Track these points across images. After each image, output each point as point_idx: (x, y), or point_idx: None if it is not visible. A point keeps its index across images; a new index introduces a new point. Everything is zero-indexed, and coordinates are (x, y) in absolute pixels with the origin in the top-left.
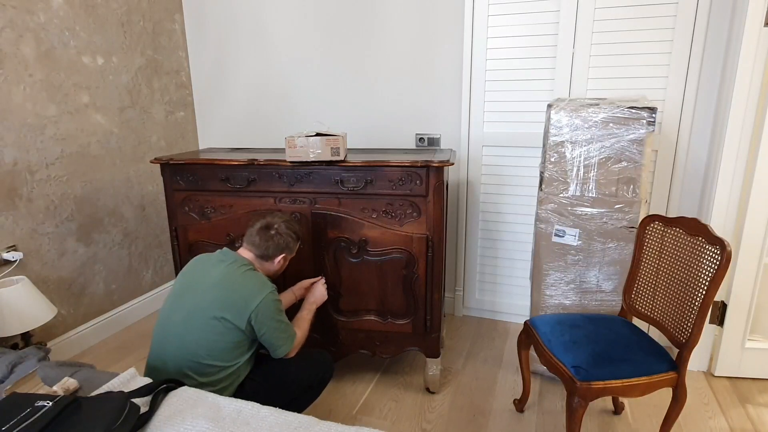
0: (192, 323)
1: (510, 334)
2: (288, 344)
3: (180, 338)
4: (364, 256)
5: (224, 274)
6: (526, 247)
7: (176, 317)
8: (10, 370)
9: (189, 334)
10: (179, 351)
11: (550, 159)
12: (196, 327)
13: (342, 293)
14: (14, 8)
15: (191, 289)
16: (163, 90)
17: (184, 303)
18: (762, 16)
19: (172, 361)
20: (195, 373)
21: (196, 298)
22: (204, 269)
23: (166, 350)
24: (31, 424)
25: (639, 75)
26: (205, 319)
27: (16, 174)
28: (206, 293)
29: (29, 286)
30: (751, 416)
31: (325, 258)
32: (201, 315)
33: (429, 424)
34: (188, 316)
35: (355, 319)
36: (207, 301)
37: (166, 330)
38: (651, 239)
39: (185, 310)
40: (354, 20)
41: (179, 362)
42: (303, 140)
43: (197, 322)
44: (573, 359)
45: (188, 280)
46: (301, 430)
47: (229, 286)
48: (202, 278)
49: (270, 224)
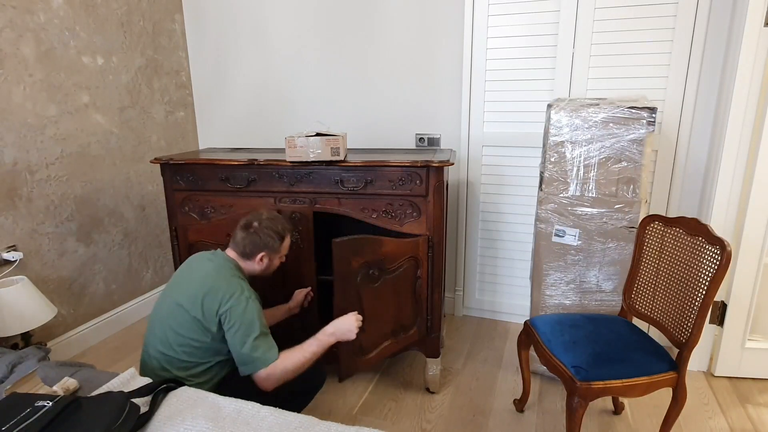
0: (171, 316)
1: (510, 334)
2: (257, 363)
3: (161, 330)
4: (384, 276)
5: (207, 272)
6: (526, 247)
7: (161, 311)
8: (10, 370)
9: (168, 327)
10: (160, 343)
11: (550, 159)
12: (174, 320)
13: (365, 327)
14: (14, 8)
15: (176, 284)
16: (163, 90)
17: (168, 296)
18: (762, 16)
19: (154, 352)
20: (170, 366)
21: (178, 292)
22: (192, 266)
23: (150, 342)
24: (31, 424)
25: (639, 75)
26: (180, 313)
27: (16, 174)
28: (187, 288)
29: (29, 286)
30: (751, 416)
31: (351, 291)
32: (178, 309)
33: (429, 424)
34: (168, 310)
35: (375, 352)
36: (185, 296)
37: (151, 323)
38: (651, 239)
39: (167, 304)
40: (354, 20)
41: (158, 354)
42: (303, 140)
43: (175, 315)
44: (573, 359)
45: (177, 275)
46: (301, 430)
47: (208, 283)
48: (188, 274)
49: (250, 222)
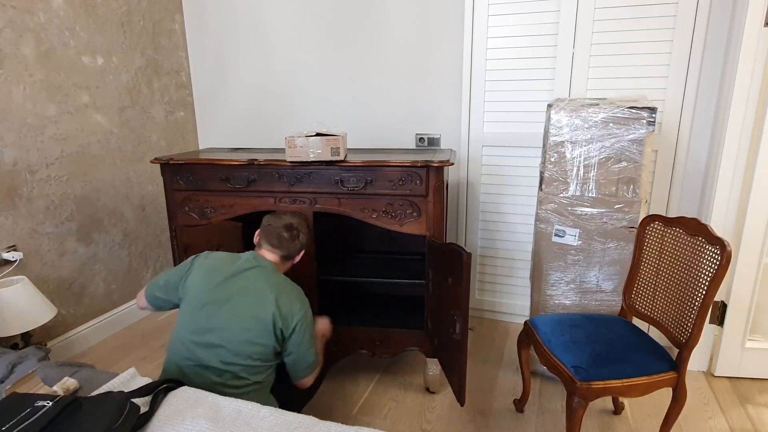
0: (246, 330)
1: (510, 334)
2: (314, 366)
3: (235, 343)
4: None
5: (271, 279)
6: (526, 247)
7: (226, 325)
8: (10, 370)
9: (244, 341)
10: (233, 356)
11: (550, 159)
12: (251, 332)
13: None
14: (14, 8)
15: (230, 295)
16: (163, 90)
17: (232, 310)
18: (762, 16)
19: (221, 365)
20: (247, 373)
21: (245, 304)
22: (245, 276)
23: (208, 358)
24: (31, 424)
25: (639, 75)
26: (256, 324)
27: (16, 174)
28: (257, 298)
29: (29, 286)
30: (751, 416)
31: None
32: (253, 321)
33: (429, 424)
34: (242, 325)
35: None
36: (258, 307)
37: (208, 339)
38: (651, 239)
39: (239, 317)
40: (354, 20)
41: (231, 367)
42: (303, 140)
43: (251, 327)
44: (573, 359)
45: (223, 285)
46: (301, 430)
47: (281, 291)
48: (243, 283)
49: (291, 224)
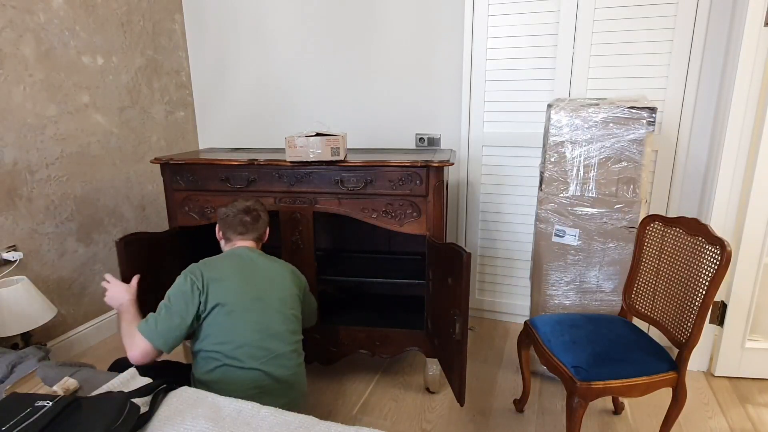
0: (283, 307)
1: (510, 334)
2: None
3: (275, 330)
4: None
5: (273, 259)
6: (526, 247)
7: (257, 316)
8: (10, 370)
9: (283, 319)
10: (278, 342)
11: (550, 159)
12: (290, 308)
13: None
14: (14, 8)
15: (252, 287)
16: (163, 90)
17: (260, 299)
18: (762, 16)
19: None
20: (296, 353)
21: (272, 290)
22: (257, 263)
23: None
24: (31, 424)
25: (639, 75)
26: (291, 300)
27: (16, 174)
28: (276, 281)
29: (29, 286)
30: (751, 416)
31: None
32: (288, 299)
33: (429, 424)
34: (276, 307)
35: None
36: (283, 287)
37: (247, 333)
38: (651, 239)
39: (272, 305)
40: (354, 20)
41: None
42: (303, 140)
43: (289, 304)
44: (573, 359)
45: (250, 280)
46: (301, 430)
47: (286, 268)
48: (255, 271)
49: (248, 207)
